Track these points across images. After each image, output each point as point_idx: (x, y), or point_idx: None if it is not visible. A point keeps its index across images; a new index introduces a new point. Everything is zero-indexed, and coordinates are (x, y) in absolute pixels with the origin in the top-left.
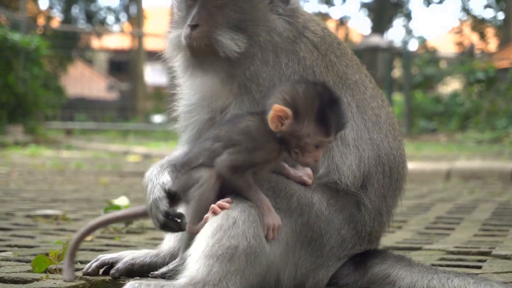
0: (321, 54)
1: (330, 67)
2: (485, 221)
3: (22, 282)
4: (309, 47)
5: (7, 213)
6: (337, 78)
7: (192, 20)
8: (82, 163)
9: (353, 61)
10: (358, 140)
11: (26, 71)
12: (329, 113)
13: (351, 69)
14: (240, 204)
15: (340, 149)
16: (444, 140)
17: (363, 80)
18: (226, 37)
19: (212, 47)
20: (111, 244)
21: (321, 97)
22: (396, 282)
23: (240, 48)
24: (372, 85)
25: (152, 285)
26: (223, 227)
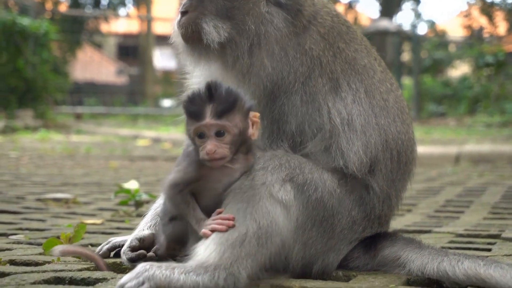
0: (328, 43)
1: (338, 55)
2: (494, 204)
3: (34, 265)
4: (316, 38)
5: (18, 197)
6: (345, 64)
7: (182, 7)
8: (92, 147)
9: (362, 45)
10: (366, 126)
11: (35, 56)
12: (197, 99)
13: (360, 54)
14: (240, 189)
15: (347, 135)
16: (453, 124)
17: (372, 64)
18: (210, 24)
19: (198, 34)
20: (122, 227)
21: (194, 90)
22: (406, 264)
23: (220, 37)
24: (381, 69)
25: (163, 266)
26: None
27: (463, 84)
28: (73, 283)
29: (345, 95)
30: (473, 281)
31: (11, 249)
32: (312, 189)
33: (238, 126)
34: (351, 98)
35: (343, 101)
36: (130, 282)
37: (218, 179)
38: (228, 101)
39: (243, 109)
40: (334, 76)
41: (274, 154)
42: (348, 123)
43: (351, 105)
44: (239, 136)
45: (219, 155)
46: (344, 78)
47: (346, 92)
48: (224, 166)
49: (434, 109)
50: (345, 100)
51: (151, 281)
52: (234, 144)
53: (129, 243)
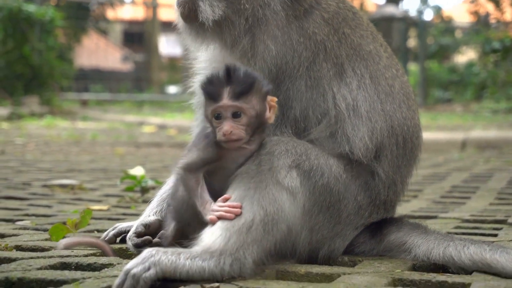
0: (333, 28)
1: (343, 40)
2: (500, 190)
3: (40, 250)
4: (320, 22)
5: (24, 183)
6: (350, 50)
7: None
8: (97, 133)
9: (368, 31)
10: (371, 112)
11: (41, 43)
12: (215, 81)
13: (366, 39)
14: (247, 177)
15: (353, 121)
16: (459, 110)
17: (377, 50)
18: (206, 2)
19: (195, 12)
20: (128, 213)
21: (213, 72)
22: (412, 250)
23: (215, 15)
24: (387, 54)
25: (169, 252)
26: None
27: (469, 70)
28: (79, 268)
29: (350, 81)
30: (478, 266)
31: (18, 234)
32: (319, 175)
33: (255, 108)
34: (356, 83)
35: (348, 87)
36: (136, 267)
37: (235, 160)
38: (245, 83)
39: (261, 92)
40: (339, 61)
41: (280, 139)
42: (353, 108)
43: (356, 91)
44: (255, 118)
45: (235, 136)
46: (349, 63)
47: (351, 77)
48: (241, 148)
49: (441, 95)
50: (350, 85)
51: (157, 267)
52: (250, 126)
53: (134, 229)
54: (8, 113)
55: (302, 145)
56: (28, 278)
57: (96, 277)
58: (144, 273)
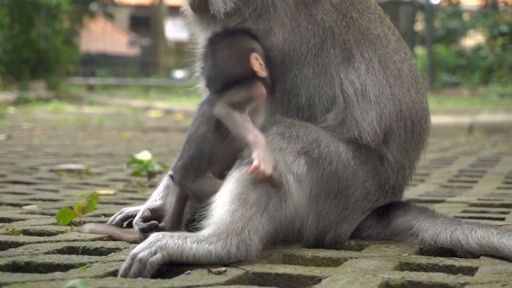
0: (341, 13)
1: (351, 25)
2: (508, 174)
3: (47, 235)
4: (328, 8)
5: (31, 168)
6: (358, 34)
7: None
8: (104, 118)
9: (376, 14)
10: (380, 96)
11: (48, 27)
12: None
13: (374, 23)
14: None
15: (361, 105)
16: (467, 94)
17: (386, 33)
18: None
19: (205, 3)
20: (134, 198)
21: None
22: (419, 234)
23: (226, 7)
24: (395, 38)
25: (175, 236)
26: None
27: (477, 54)
28: (86, 253)
29: (358, 66)
30: (486, 250)
31: (25, 219)
32: (327, 163)
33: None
34: (364, 68)
35: (357, 72)
36: (143, 251)
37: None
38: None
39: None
40: (347, 46)
41: (293, 122)
42: (362, 93)
43: (364, 76)
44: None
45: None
46: (358, 48)
47: (359, 62)
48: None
49: (448, 79)
50: (358, 70)
51: (164, 251)
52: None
53: (141, 213)
54: (14, 97)
55: (314, 132)
56: (35, 263)
57: (103, 261)
58: (150, 257)
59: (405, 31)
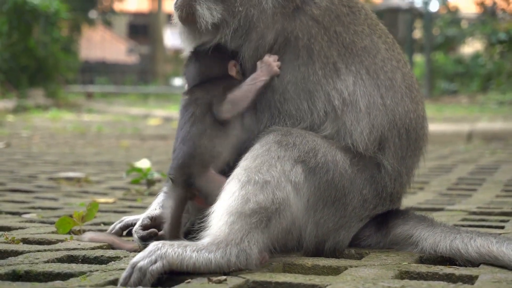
0: (323, 27)
1: (334, 39)
2: (507, 182)
3: (47, 243)
4: (309, 23)
5: (30, 176)
6: (342, 48)
7: None
8: (103, 126)
9: (365, 25)
10: (370, 107)
11: (46, 35)
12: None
13: (360, 35)
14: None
15: (352, 115)
16: (465, 101)
17: (374, 43)
18: (204, 6)
19: (193, 16)
20: (134, 206)
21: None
22: (419, 243)
23: (214, 18)
24: (387, 46)
25: (175, 245)
26: (245, 185)
27: (475, 62)
28: (86, 261)
29: (345, 78)
30: (485, 259)
31: (24, 227)
32: (324, 171)
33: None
34: (352, 79)
35: (344, 83)
36: (143, 260)
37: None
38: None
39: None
40: (330, 61)
41: (290, 131)
42: (351, 103)
43: (352, 87)
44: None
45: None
46: (342, 61)
47: (346, 74)
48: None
49: (446, 86)
50: (345, 82)
51: (164, 259)
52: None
53: (140, 222)
54: (13, 105)
55: (311, 141)
56: (35, 271)
57: (103, 270)
58: (151, 266)
59: (404, 39)
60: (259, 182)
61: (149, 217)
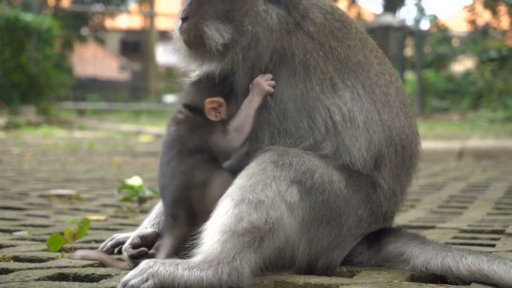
0: (318, 43)
1: (330, 54)
2: (498, 199)
3: (38, 261)
4: (304, 39)
5: (21, 193)
6: (338, 63)
7: (183, 13)
8: (94, 143)
9: (356, 39)
10: (368, 122)
11: (38, 52)
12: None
13: (354, 50)
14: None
15: (350, 131)
16: (456, 119)
17: (367, 58)
18: (212, 28)
19: (201, 39)
20: (125, 224)
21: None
22: (410, 260)
23: (224, 39)
24: (378, 61)
25: (167, 263)
26: (238, 204)
27: (466, 79)
28: (77, 279)
29: (342, 93)
30: (476, 277)
31: (15, 245)
32: (319, 192)
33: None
34: (349, 95)
35: (342, 99)
36: (134, 278)
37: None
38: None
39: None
40: (326, 76)
41: (286, 151)
42: (350, 119)
43: (350, 102)
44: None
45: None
46: (339, 77)
47: (343, 90)
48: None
49: (438, 104)
50: (343, 97)
51: (155, 278)
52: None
53: (131, 240)
54: (4, 122)
55: (308, 161)
56: None
57: None
58: (142, 284)
59: (395, 56)
60: (253, 201)
61: (139, 236)
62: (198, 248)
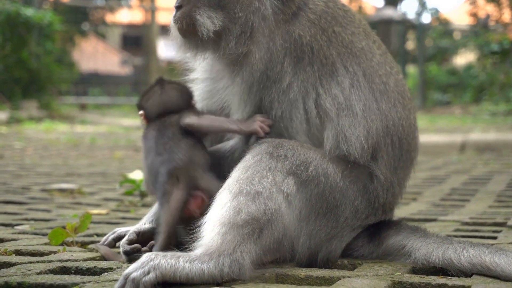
0: (321, 28)
1: (333, 39)
2: (500, 192)
3: (39, 255)
4: (306, 24)
5: (23, 187)
6: (342, 48)
7: (177, 1)
8: (96, 137)
9: (360, 28)
10: (367, 111)
11: (40, 47)
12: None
13: (357, 36)
14: (251, 169)
15: (349, 119)
16: (458, 112)
17: (370, 46)
18: (204, 15)
19: (194, 27)
20: (127, 217)
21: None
22: (411, 253)
23: (215, 26)
24: (381, 52)
25: (168, 256)
26: (236, 196)
27: (468, 73)
28: (79, 272)
29: (342, 79)
30: (478, 269)
31: (17, 239)
32: (314, 184)
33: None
34: (348, 82)
35: (340, 86)
36: (136, 271)
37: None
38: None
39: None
40: (329, 61)
41: (281, 143)
42: (347, 107)
43: (348, 90)
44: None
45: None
46: (341, 61)
47: (343, 76)
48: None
49: (439, 97)
50: (342, 84)
51: (157, 270)
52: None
53: (128, 236)
54: (6, 117)
55: (303, 154)
56: (28, 283)
57: (96, 281)
58: (143, 277)
59: (397, 50)
60: (250, 193)
61: (136, 232)
62: (198, 241)
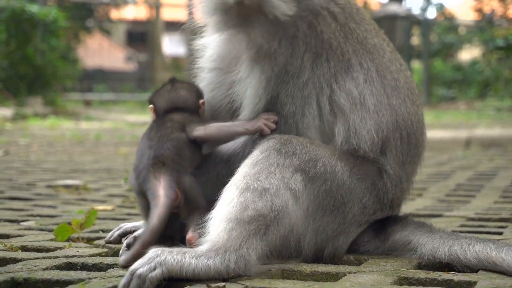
0: (339, 24)
1: (349, 35)
2: (505, 188)
3: (45, 251)
4: (328, 19)
5: (29, 184)
6: (357, 44)
7: None
8: (101, 134)
9: (371, 25)
10: (378, 105)
11: (44, 43)
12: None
13: (370, 33)
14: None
15: (360, 113)
16: (463, 108)
17: (381, 43)
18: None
19: (261, 8)
20: (132, 213)
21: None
22: (417, 249)
23: (292, 12)
24: (390, 49)
25: (174, 251)
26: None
27: (473, 68)
28: (85, 268)
29: (356, 75)
30: (484, 265)
31: (23, 235)
32: (322, 181)
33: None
34: (362, 77)
35: (355, 81)
36: (142, 267)
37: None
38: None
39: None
40: (345, 57)
41: (290, 139)
42: (360, 102)
43: (363, 85)
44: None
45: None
46: (356, 58)
47: (357, 72)
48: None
49: (444, 93)
50: (356, 80)
51: (163, 266)
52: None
53: (126, 241)
54: (11, 113)
55: (312, 150)
56: (34, 279)
57: (102, 277)
58: (150, 273)
59: (402, 46)
60: (257, 189)
61: (134, 236)
62: (204, 237)
